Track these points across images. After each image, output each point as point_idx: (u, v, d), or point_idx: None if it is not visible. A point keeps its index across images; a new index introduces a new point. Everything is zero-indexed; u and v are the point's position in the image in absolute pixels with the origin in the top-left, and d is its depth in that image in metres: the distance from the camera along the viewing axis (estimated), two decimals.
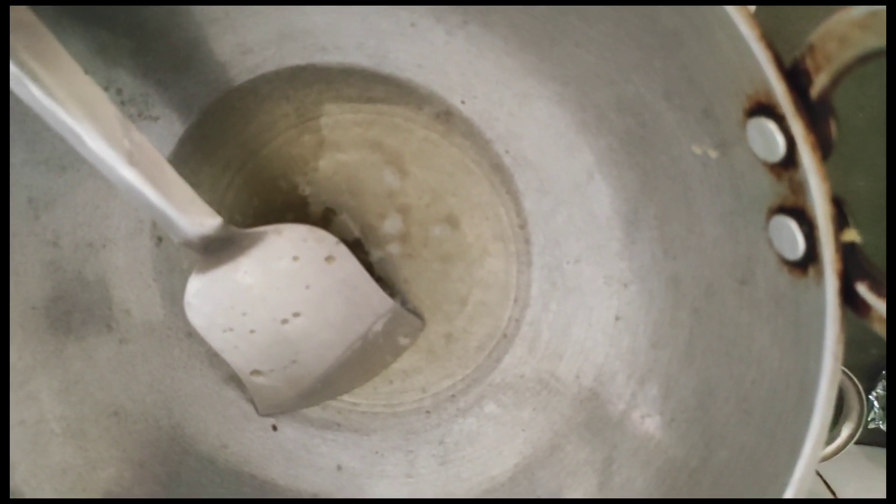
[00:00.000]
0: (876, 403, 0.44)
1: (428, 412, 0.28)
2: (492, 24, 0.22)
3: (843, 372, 0.38)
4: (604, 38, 0.20)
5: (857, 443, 0.46)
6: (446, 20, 0.23)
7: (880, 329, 0.17)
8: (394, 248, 0.28)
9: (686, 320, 0.23)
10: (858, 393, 0.38)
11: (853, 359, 0.42)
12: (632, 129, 0.22)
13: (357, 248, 0.28)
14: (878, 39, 0.14)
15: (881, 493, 0.43)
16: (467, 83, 0.25)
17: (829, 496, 0.43)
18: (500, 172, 0.26)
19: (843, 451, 0.41)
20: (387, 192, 0.27)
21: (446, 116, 0.26)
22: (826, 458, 0.40)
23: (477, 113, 0.26)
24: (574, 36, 0.21)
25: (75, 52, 0.22)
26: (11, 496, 0.25)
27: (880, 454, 0.46)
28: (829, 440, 0.40)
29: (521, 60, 0.23)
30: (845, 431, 0.39)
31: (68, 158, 0.26)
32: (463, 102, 0.25)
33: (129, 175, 0.21)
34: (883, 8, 0.13)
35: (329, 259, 0.26)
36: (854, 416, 0.39)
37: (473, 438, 0.28)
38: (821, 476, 0.44)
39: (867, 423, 0.45)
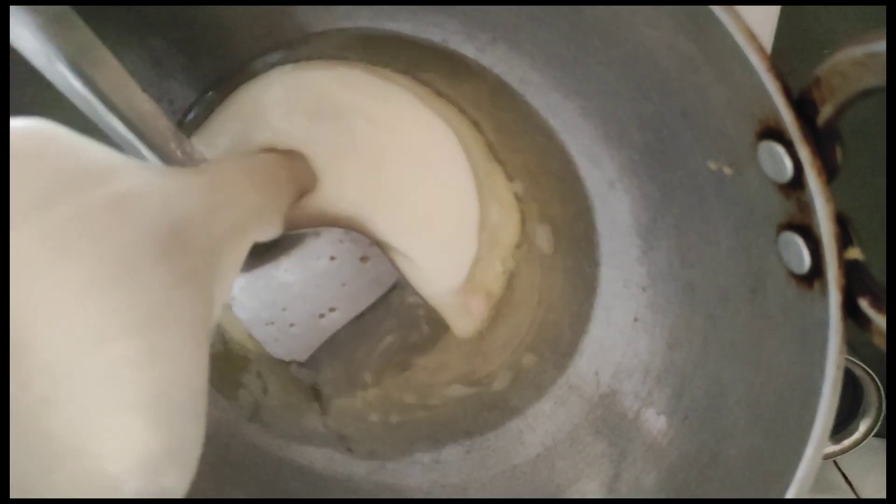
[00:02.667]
0: None
1: (456, 405, 0.30)
2: (519, 42, 0.23)
3: (862, 368, 0.39)
4: (624, 59, 0.21)
5: (878, 436, 0.47)
6: (476, 38, 0.24)
7: (880, 343, 0.18)
8: None
9: (701, 325, 0.24)
10: (877, 388, 0.39)
11: (873, 354, 0.43)
12: (651, 143, 0.23)
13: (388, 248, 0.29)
14: (877, 78, 0.15)
15: None
16: None
17: (847, 489, 0.44)
18: None
19: (863, 445, 0.42)
20: None
21: (475, 127, 0.27)
22: (844, 452, 0.41)
23: None
24: (596, 56, 0.22)
25: (131, 63, 0.24)
26: None
27: None
28: (847, 434, 0.41)
29: (546, 76, 0.24)
30: (863, 426, 0.40)
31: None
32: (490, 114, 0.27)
33: None
34: (882, 49, 0.14)
35: (364, 259, 0.28)
36: (872, 410, 0.40)
37: (498, 429, 0.29)
38: (839, 468, 0.45)
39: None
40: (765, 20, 0.30)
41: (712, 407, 0.24)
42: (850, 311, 0.18)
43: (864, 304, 0.18)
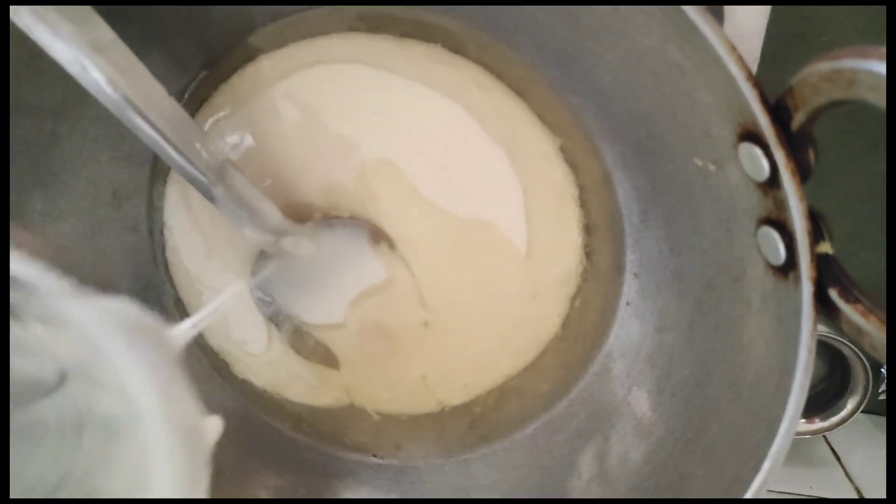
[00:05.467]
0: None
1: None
2: (519, 44, 0.25)
3: (850, 347, 0.40)
4: (617, 62, 0.22)
5: (866, 412, 0.48)
6: (478, 39, 0.25)
7: (848, 330, 0.20)
8: None
9: (688, 309, 0.26)
10: (864, 367, 0.40)
11: None
12: (643, 139, 0.24)
13: None
14: (841, 92, 0.16)
15: (884, 461, 0.46)
16: None
17: (835, 462, 0.46)
18: None
19: (851, 421, 0.44)
20: None
21: None
22: (832, 428, 0.43)
23: None
24: (591, 58, 0.23)
25: (153, 61, 0.26)
26: None
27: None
28: (836, 411, 0.43)
29: (545, 75, 0.25)
30: (851, 403, 0.42)
31: (146, 154, 0.29)
32: None
33: (205, 180, 0.24)
34: (847, 65, 0.16)
35: (373, 243, 0.29)
36: (860, 389, 0.41)
37: (499, 406, 0.31)
38: (828, 443, 0.47)
39: (877, 394, 0.48)
40: (756, 17, 0.31)
41: (698, 385, 0.26)
42: (821, 300, 0.20)
43: (833, 294, 0.20)
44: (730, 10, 0.31)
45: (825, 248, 0.20)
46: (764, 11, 0.31)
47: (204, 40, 0.27)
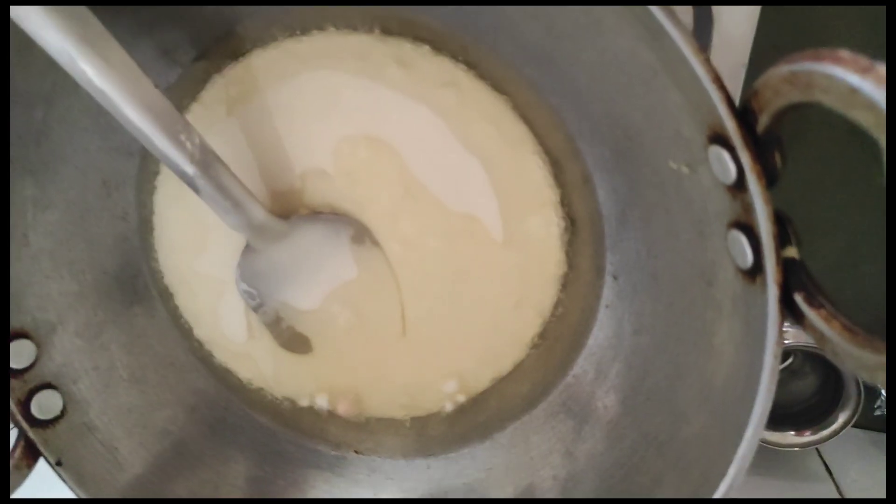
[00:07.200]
0: (883, 392, 0.46)
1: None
2: (498, 44, 0.25)
3: None
4: (592, 63, 0.22)
5: (862, 428, 0.48)
6: (458, 39, 0.25)
7: (811, 335, 0.20)
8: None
9: (663, 312, 0.26)
10: (856, 380, 0.40)
11: None
12: (620, 140, 0.24)
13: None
14: (800, 94, 0.16)
15: (881, 478, 0.45)
16: None
17: (827, 477, 0.45)
18: None
19: (845, 435, 0.43)
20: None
21: None
22: (823, 441, 0.42)
23: None
24: (568, 58, 0.23)
25: (141, 52, 0.26)
26: (88, 430, 0.30)
27: (884, 440, 0.48)
28: (827, 425, 0.42)
29: (525, 75, 0.25)
30: (842, 417, 0.41)
31: (135, 146, 0.30)
32: None
33: (189, 171, 0.24)
34: (803, 67, 0.16)
35: (353, 239, 0.30)
36: (851, 402, 0.41)
37: (479, 407, 0.31)
38: (821, 457, 0.47)
39: (874, 409, 0.47)
40: (744, 22, 0.31)
41: (671, 389, 0.25)
42: (787, 305, 0.20)
43: (799, 298, 0.19)
44: (717, 16, 0.31)
45: (792, 252, 0.19)
46: (752, 17, 0.31)
47: (193, 33, 0.28)
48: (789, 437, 0.43)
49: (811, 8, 0.33)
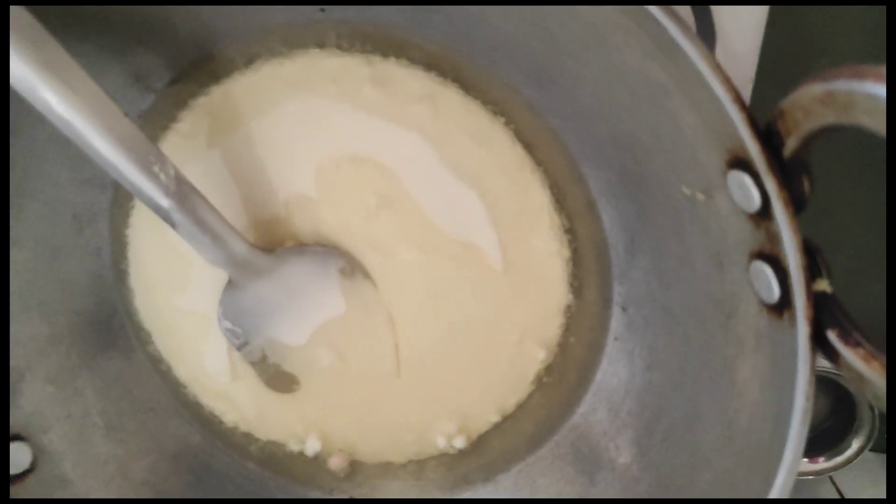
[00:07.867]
0: None
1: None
2: (495, 62, 0.23)
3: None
4: (597, 81, 0.21)
5: (875, 451, 0.46)
6: (455, 56, 0.24)
7: (849, 376, 0.18)
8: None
9: (679, 347, 0.24)
10: (870, 405, 0.38)
11: None
12: (627, 164, 0.23)
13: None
14: (836, 116, 0.14)
15: None
16: None
17: None
18: None
19: (857, 460, 0.42)
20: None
21: None
22: (837, 468, 0.41)
23: None
24: (570, 77, 0.22)
25: (111, 79, 0.25)
26: (61, 484, 0.28)
27: None
28: (841, 451, 0.40)
29: (525, 96, 0.24)
30: (856, 443, 0.40)
31: (108, 177, 0.28)
32: None
33: (164, 204, 0.23)
34: (841, 87, 0.14)
35: (342, 273, 0.28)
36: (865, 428, 0.39)
37: (481, 448, 0.30)
38: (834, 483, 0.45)
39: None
40: (750, 36, 0.30)
41: (689, 430, 0.24)
42: (819, 342, 0.18)
43: (832, 336, 0.18)
44: (721, 29, 0.29)
45: (822, 285, 0.18)
46: (758, 30, 0.30)
47: (166, 56, 0.26)
48: (802, 464, 0.41)
49: (820, 18, 0.32)
